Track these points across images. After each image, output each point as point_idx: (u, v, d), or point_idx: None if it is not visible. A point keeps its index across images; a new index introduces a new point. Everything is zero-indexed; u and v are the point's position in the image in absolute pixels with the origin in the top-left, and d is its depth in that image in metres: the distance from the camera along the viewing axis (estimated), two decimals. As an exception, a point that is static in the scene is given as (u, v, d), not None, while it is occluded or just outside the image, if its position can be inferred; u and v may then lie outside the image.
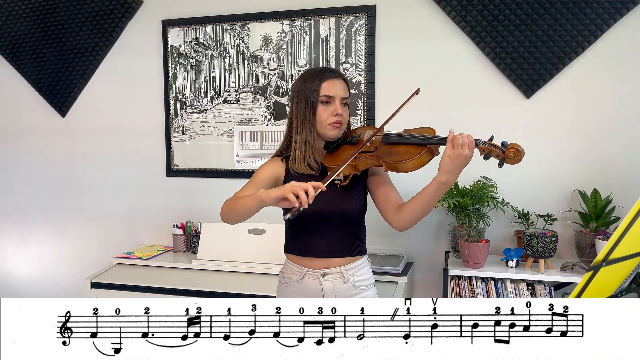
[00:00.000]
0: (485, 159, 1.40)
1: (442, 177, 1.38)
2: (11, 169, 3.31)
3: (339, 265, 1.57)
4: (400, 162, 1.43)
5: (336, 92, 1.54)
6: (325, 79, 1.54)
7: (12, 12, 3.15)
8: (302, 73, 1.63)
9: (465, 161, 1.36)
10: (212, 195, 2.90)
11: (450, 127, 2.49)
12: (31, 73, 3.18)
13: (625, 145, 2.33)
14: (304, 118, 1.54)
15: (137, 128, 3.02)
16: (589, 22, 2.30)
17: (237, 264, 2.49)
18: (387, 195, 1.57)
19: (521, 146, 1.35)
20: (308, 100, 1.53)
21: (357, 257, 1.61)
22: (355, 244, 1.61)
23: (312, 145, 1.56)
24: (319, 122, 1.55)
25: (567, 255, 2.42)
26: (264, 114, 2.79)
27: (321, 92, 1.52)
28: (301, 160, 1.55)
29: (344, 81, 1.59)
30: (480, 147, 1.39)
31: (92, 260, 3.13)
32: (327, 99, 1.53)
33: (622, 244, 0.81)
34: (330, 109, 1.54)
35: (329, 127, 1.54)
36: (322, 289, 1.56)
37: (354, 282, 1.57)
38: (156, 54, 2.94)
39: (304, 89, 1.54)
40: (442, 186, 1.39)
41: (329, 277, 1.56)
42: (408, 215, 1.48)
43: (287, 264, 1.65)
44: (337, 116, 1.53)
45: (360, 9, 2.58)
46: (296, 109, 1.57)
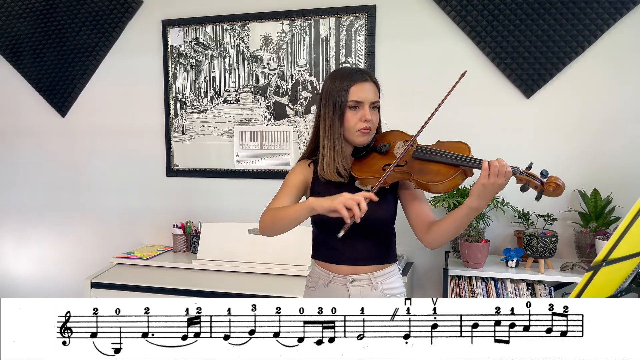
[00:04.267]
0: (523, 191, 1.30)
1: (473, 202, 1.32)
2: (11, 168, 3.31)
3: (367, 272, 1.53)
4: (432, 184, 1.36)
5: (365, 97, 1.46)
6: (355, 82, 1.46)
7: (12, 12, 3.15)
8: (331, 72, 1.55)
9: (499, 189, 1.29)
10: (212, 195, 2.90)
11: (449, 126, 2.50)
12: (31, 73, 3.18)
13: (625, 145, 2.33)
14: (331, 123, 1.48)
15: (137, 128, 3.02)
16: (589, 22, 2.30)
17: (237, 264, 2.49)
18: (419, 212, 1.52)
19: (561, 179, 1.26)
20: (336, 103, 1.47)
21: (387, 264, 1.57)
22: (385, 252, 1.57)
23: (340, 152, 1.50)
24: (346, 128, 1.48)
25: (567, 255, 2.42)
26: (264, 114, 2.79)
27: (350, 96, 1.45)
28: (330, 167, 1.49)
29: (374, 84, 1.51)
30: (518, 177, 1.30)
31: (92, 260, 3.13)
32: (355, 104, 1.46)
33: (622, 244, 0.81)
34: (359, 114, 1.46)
35: (357, 133, 1.48)
36: (350, 295, 1.52)
37: (382, 290, 1.53)
38: (156, 54, 2.94)
39: (333, 89, 1.48)
40: (472, 211, 1.34)
41: (357, 283, 1.52)
42: (437, 236, 1.45)
43: (314, 268, 1.61)
44: (366, 122, 1.46)
45: (360, 9, 2.57)
46: (324, 112, 1.50)
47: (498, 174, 1.27)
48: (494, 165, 1.27)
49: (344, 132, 1.49)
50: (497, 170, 1.27)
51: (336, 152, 1.49)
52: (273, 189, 3.05)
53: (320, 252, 1.59)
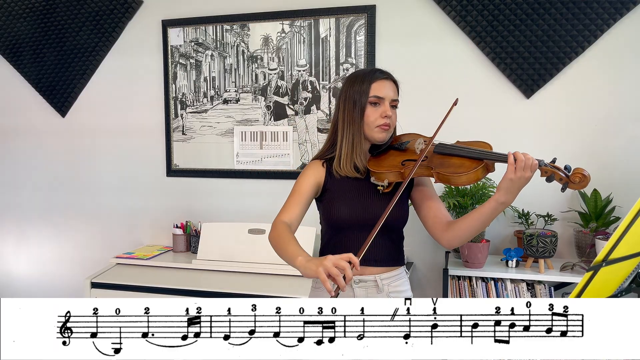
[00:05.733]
0: (548, 182, 1.33)
1: (501, 197, 1.32)
2: (11, 168, 3.31)
3: (373, 274, 1.52)
4: (454, 175, 1.36)
5: (386, 94, 1.47)
6: (375, 80, 1.47)
7: (12, 12, 3.15)
8: (350, 74, 1.56)
9: (526, 182, 1.30)
10: (212, 195, 2.90)
11: (449, 126, 2.50)
12: (31, 73, 3.18)
13: (626, 145, 2.33)
14: (351, 118, 1.48)
15: (137, 128, 3.02)
16: (589, 22, 2.30)
17: (237, 264, 2.49)
18: (435, 211, 1.51)
19: (587, 171, 1.28)
20: (356, 100, 1.47)
21: (395, 267, 1.56)
22: (393, 254, 1.56)
23: (359, 146, 1.50)
24: (366, 123, 1.48)
25: (567, 255, 2.42)
26: (264, 114, 2.79)
27: (371, 92, 1.46)
28: (347, 161, 1.49)
29: (394, 83, 1.52)
30: (543, 169, 1.32)
31: (92, 260, 3.13)
32: (376, 99, 1.47)
33: (622, 244, 0.81)
34: (380, 110, 1.47)
35: (376, 129, 1.48)
36: (355, 296, 1.52)
37: (388, 293, 1.52)
38: (156, 54, 2.94)
39: (353, 92, 1.48)
40: (500, 206, 1.34)
41: (362, 284, 1.51)
42: (462, 233, 1.42)
43: None
44: (385, 118, 1.47)
45: (360, 9, 2.58)
46: (343, 110, 1.50)
47: (524, 167, 1.28)
48: (520, 159, 1.28)
49: (363, 127, 1.49)
50: (523, 164, 1.28)
51: (355, 146, 1.49)
52: (273, 189, 3.06)
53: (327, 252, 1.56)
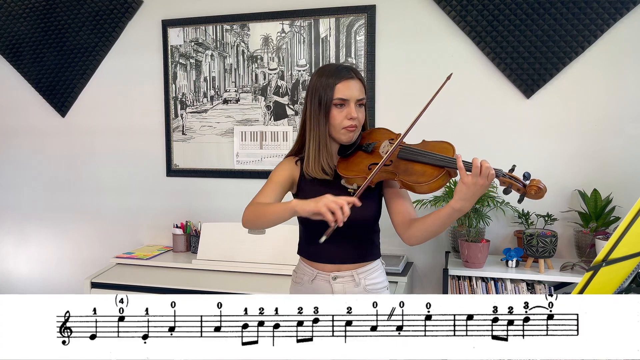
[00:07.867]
0: (505, 193, 1.31)
1: (456, 204, 1.31)
2: (11, 168, 3.31)
3: (350, 269, 1.55)
4: (417, 184, 1.37)
5: (351, 95, 1.47)
6: (340, 80, 1.46)
7: (12, 12, 3.15)
8: (318, 68, 1.56)
9: (482, 190, 1.28)
10: (212, 195, 2.90)
11: (450, 126, 2.51)
12: (31, 73, 3.18)
13: (625, 145, 2.33)
14: (317, 121, 1.49)
15: (137, 128, 3.02)
16: (589, 22, 2.30)
17: (237, 264, 2.49)
18: (401, 208, 1.53)
19: (542, 182, 1.27)
20: (321, 101, 1.47)
21: (370, 261, 1.58)
22: (368, 250, 1.58)
23: (325, 149, 1.50)
24: (332, 125, 1.49)
25: (567, 255, 2.42)
26: (263, 114, 2.79)
27: (335, 94, 1.46)
28: (315, 164, 1.50)
29: (360, 81, 1.51)
30: (501, 180, 1.30)
31: (92, 260, 3.13)
32: (341, 101, 1.46)
33: (622, 244, 0.81)
34: (345, 112, 1.47)
35: (343, 131, 1.49)
36: (333, 291, 1.55)
37: (365, 286, 1.55)
38: (156, 54, 2.94)
39: (319, 85, 1.48)
40: (456, 212, 1.33)
41: (340, 280, 1.55)
42: (419, 233, 1.45)
43: (300, 264, 1.64)
44: (351, 120, 1.47)
45: (360, 9, 2.57)
46: (310, 109, 1.51)
47: (480, 174, 1.25)
48: (475, 165, 1.26)
49: (329, 129, 1.50)
50: (479, 171, 1.25)
51: (321, 150, 1.50)
52: (273, 189, 3.01)
53: (305, 249, 1.62)
